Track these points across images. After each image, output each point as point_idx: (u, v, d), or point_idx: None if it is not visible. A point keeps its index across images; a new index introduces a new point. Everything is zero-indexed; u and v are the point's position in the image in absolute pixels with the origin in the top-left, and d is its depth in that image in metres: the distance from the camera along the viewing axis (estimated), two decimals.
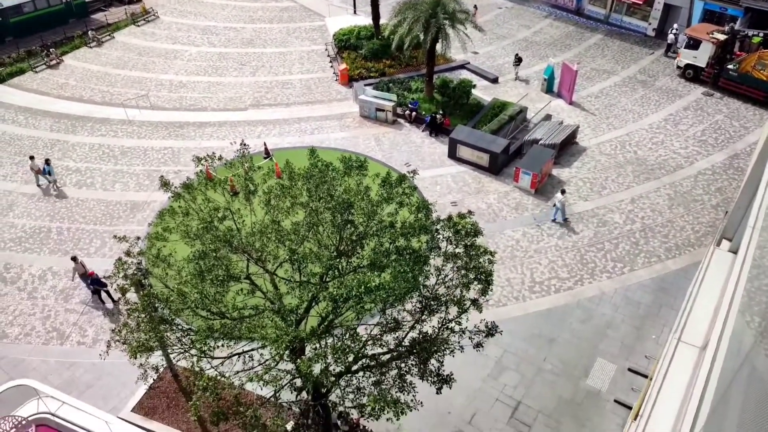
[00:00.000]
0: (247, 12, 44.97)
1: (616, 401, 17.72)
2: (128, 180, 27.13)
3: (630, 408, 17.05)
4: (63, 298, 21.14)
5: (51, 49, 38.09)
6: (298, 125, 30.98)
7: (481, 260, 12.88)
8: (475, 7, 39.47)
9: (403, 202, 13.89)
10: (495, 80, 34.30)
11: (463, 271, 12.94)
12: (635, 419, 13.89)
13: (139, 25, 42.77)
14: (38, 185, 26.69)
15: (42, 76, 36.28)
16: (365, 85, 32.81)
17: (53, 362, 18.96)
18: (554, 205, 24.28)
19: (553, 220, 24.21)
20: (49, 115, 32.16)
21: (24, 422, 11.85)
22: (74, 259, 20.84)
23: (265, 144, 28.20)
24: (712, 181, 26.17)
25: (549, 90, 33.03)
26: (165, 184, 14.39)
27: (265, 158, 27.34)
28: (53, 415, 12.21)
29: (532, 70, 35.40)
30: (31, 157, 26.66)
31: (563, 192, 23.97)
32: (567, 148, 28.39)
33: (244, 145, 14.40)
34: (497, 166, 26.84)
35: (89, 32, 40.53)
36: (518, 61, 34.33)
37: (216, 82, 35.41)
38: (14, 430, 11.70)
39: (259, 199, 14.64)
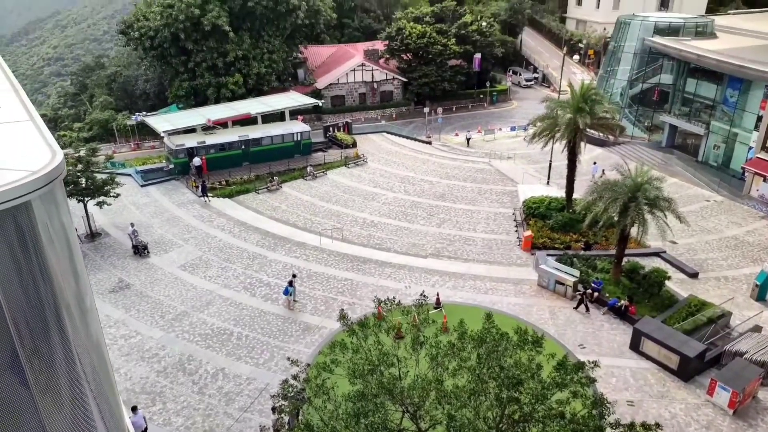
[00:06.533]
0: (444, 168, 48.42)
1: None
2: (307, 302, 29.06)
3: None
4: (225, 402, 22.36)
5: (275, 177, 44.47)
6: (473, 282, 31.08)
7: None
8: None
9: (578, 392, 12.75)
10: (694, 275, 31.46)
11: None
12: None
13: (349, 167, 48.32)
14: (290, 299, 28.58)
15: (261, 198, 42.11)
16: (548, 255, 32.28)
17: None
18: None
19: None
20: (259, 232, 36.65)
21: None
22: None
23: (437, 294, 28.58)
24: None
25: (761, 298, 29.20)
26: (343, 317, 15.13)
27: (435, 308, 27.54)
28: None
29: (740, 272, 31.95)
30: (294, 275, 29.56)
31: None
32: None
33: (424, 296, 14.71)
34: (688, 371, 23.62)
35: (308, 167, 46.77)
36: None
37: (403, 227, 37.70)
38: None
39: (425, 351, 14.54)
